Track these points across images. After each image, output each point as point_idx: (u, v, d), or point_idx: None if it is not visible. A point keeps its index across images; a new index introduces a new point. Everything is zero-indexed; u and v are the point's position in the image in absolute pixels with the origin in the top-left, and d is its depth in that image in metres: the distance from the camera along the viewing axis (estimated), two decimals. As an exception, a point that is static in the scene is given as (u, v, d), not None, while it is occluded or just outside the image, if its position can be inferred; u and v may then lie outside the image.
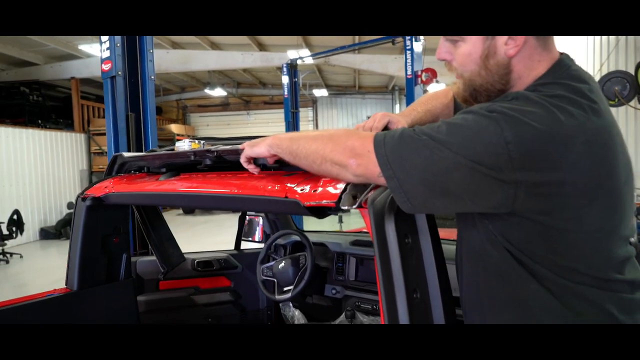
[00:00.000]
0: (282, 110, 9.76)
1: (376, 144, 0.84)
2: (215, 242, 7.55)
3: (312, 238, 2.30)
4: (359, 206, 0.93)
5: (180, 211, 12.61)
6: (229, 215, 11.42)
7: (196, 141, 1.62)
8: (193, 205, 1.66)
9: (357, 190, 0.98)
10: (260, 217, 2.72)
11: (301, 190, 1.05)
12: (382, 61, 10.31)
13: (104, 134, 10.86)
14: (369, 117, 1.23)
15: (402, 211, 0.94)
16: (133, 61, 2.78)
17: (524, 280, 0.81)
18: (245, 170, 1.58)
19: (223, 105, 16.58)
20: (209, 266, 2.49)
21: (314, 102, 16.36)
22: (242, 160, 1.13)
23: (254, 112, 16.48)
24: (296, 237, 2.37)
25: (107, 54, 2.69)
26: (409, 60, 6.86)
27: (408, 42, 6.81)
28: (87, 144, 11.65)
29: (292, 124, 8.96)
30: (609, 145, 0.79)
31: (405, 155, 0.81)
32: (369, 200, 0.93)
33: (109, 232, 1.80)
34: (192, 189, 1.33)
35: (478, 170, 0.75)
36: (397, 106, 15.30)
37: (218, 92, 14.05)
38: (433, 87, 8.71)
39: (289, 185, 1.09)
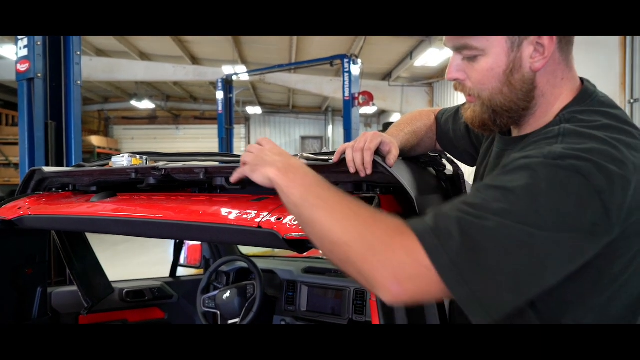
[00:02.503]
0: (213, 126, 9.41)
1: (432, 250, 0.61)
2: (139, 262, 6.96)
3: (259, 264, 2.11)
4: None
5: (99, 229, 11.56)
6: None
7: (137, 156, 1.40)
8: (139, 234, 1.38)
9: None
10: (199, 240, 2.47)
11: (277, 219, 0.89)
12: (318, 82, 10.40)
13: (12, 144, 9.74)
14: (302, 137, 1.10)
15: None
16: (56, 63, 2.43)
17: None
18: (197, 191, 1.38)
19: (150, 119, 15.76)
20: (140, 296, 2.20)
21: (246, 120, 16.09)
22: (234, 179, 0.89)
23: (184, 127, 15.84)
24: (242, 264, 2.17)
25: (24, 52, 2.33)
26: (346, 83, 6.93)
27: (346, 65, 6.89)
28: (-10, 153, 10.38)
29: (226, 141, 8.68)
30: None
31: (483, 258, 0.61)
32: None
33: (21, 262, 1.48)
34: (138, 214, 1.11)
35: (577, 239, 0.62)
36: (330, 127, 15.50)
37: (145, 105, 13.35)
38: (368, 110, 8.96)
39: (262, 213, 0.92)
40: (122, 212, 1.13)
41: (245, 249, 2.59)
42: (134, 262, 7.33)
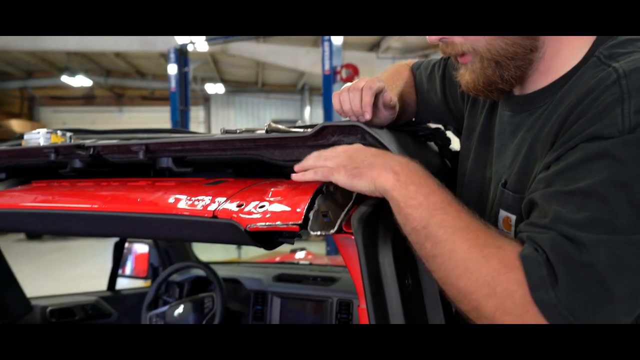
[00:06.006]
0: (166, 108, 9.25)
1: (545, 305, 0.62)
2: (73, 276, 6.84)
3: (220, 272, 2.05)
4: (339, 230, 0.73)
5: (22, 235, 11.25)
6: (91, 241, 10.51)
7: (58, 132, 1.31)
8: (57, 230, 1.25)
9: (327, 207, 0.78)
10: (146, 245, 2.40)
11: (238, 206, 0.83)
12: (292, 54, 10.31)
13: None
14: (274, 121, 1.10)
15: (400, 238, 0.76)
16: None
17: None
18: (138, 177, 1.31)
19: (86, 99, 15.41)
20: (69, 315, 2.11)
21: (206, 100, 15.89)
22: (308, 176, 0.82)
23: (128, 109, 15.55)
24: (198, 272, 2.11)
25: None
26: (326, 54, 6.87)
27: (326, 32, 6.82)
28: None
29: (181, 125, 8.53)
30: None
31: (588, 287, 0.62)
32: (353, 221, 0.73)
33: None
34: (55, 204, 1.02)
35: None
36: (308, 108, 15.44)
37: (80, 81, 13.07)
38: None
39: (218, 199, 0.86)
40: (35, 202, 1.05)
41: (203, 255, 2.52)
42: (65, 275, 7.18)
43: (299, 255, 3.19)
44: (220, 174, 1.14)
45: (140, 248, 2.46)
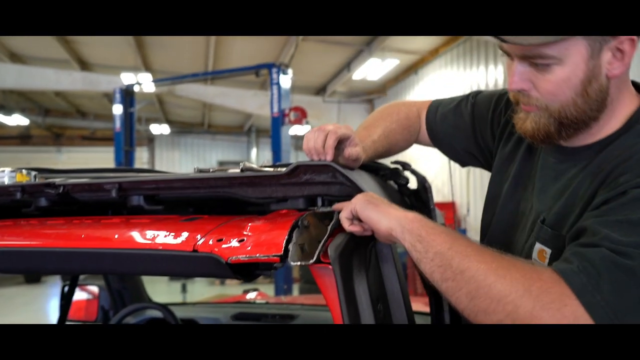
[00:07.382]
0: (108, 149, 9.03)
1: (592, 305, 0.70)
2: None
3: (175, 313, 2.03)
4: (317, 261, 0.79)
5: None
6: (21, 289, 9.90)
7: (23, 171, 1.31)
8: (29, 269, 1.24)
9: (304, 240, 0.84)
10: (95, 286, 2.34)
11: (218, 240, 0.87)
12: (240, 96, 10.40)
13: None
14: (221, 163, 1.12)
15: (371, 268, 0.83)
16: None
17: None
18: (110, 214, 1.31)
19: (22, 138, 14.78)
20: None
21: (150, 141, 15.61)
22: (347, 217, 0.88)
23: (67, 149, 15.01)
24: (153, 313, 2.07)
25: None
26: (275, 96, 7.01)
27: (275, 75, 6.99)
28: None
29: (126, 166, 8.32)
30: None
31: (632, 293, 0.71)
32: (330, 251, 0.79)
33: None
34: (32, 242, 1.02)
35: None
36: (255, 150, 15.48)
37: (16, 120, 12.55)
38: (301, 130, 9.03)
39: (197, 234, 0.90)
40: (6, 241, 1.04)
41: (156, 297, 2.47)
42: (-4, 324, 6.71)
43: (251, 295, 3.18)
44: (180, 213, 1.16)
45: (78, 294, 2.36)
